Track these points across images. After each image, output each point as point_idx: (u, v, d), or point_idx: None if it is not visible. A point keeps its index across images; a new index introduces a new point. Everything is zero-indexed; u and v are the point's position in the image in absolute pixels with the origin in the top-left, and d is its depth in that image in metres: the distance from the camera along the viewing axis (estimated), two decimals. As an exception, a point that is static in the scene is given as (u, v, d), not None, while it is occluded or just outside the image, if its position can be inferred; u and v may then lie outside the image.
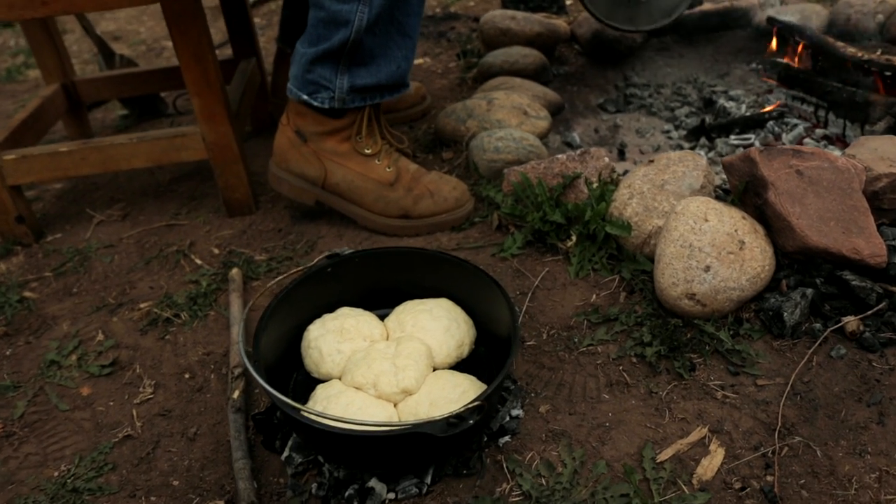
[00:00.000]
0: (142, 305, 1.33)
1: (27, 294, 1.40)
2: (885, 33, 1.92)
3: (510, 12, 2.02)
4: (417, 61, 2.23)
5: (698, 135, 1.83)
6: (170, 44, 2.79)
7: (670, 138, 1.87)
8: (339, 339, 1.03)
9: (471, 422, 0.81)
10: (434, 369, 1.01)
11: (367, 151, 1.39)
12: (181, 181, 1.74)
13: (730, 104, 1.87)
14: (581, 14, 2.16)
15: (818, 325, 1.06)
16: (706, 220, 1.11)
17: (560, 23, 2.08)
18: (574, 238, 1.29)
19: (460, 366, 1.04)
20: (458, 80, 2.03)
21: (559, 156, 1.39)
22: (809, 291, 1.07)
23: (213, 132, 1.45)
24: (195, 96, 1.41)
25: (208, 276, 1.37)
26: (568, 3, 2.49)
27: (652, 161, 1.37)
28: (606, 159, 1.41)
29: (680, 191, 1.25)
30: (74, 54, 2.83)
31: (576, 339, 1.11)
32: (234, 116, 1.48)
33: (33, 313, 1.35)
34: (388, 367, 0.97)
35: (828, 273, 1.09)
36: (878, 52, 1.64)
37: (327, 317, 1.08)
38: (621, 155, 1.79)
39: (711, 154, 1.72)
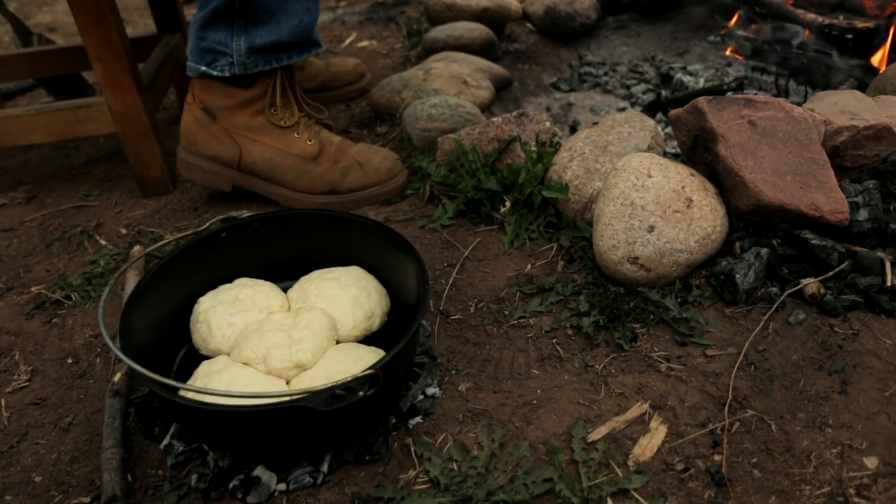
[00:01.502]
0: (33, 289, 1.19)
1: None
2: (846, 4, 1.84)
3: (457, -14, 1.91)
4: (362, 44, 2.12)
5: (654, 110, 1.72)
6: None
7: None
8: (231, 310, 0.90)
9: (360, 394, 0.69)
10: (338, 343, 0.88)
11: (284, 124, 1.26)
12: (97, 163, 1.60)
13: (688, 79, 1.77)
14: (534, -8, 2.05)
15: (775, 290, 0.94)
16: (649, 177, 0.99)
17: (511, 0, 1.97)
18: (508, 205, 1.17)
19: (371, 340, 0.91)
20: (402, 58, 1.91)
21: (494, 119, 1.28)
22: (765, 252, 0.95)
23: (119, 102, 1.32)
24: (96, 61, 1.28)
25: (108, 257, 1.23)
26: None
27: (596, 123, 1.26)
28: (547, 123, 1.30)
29: (624, 151, 1.14)
30: (4, 45, 2.68)
31: (506, 312, 0.99)
32: (145, 87, 1.35)
33: (-88, 300, 1.21)
34: (283, 339, 0.84)
35: (785, 233, 0.98)
36: (841, 18, 1.55)
37: (222, 288, 0.95)
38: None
39: (668, 129, 1.61)
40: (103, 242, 1.29)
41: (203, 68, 1.21)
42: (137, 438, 0.88)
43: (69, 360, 1.02)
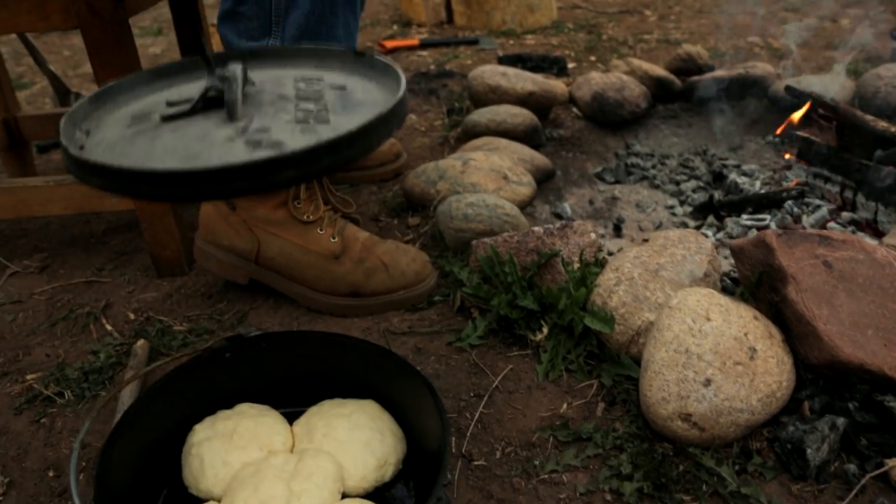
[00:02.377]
0: (28, 377, 1.11)
1: None
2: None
3: (501, 68, 1.84)
4: (403, 117, 2.05)
5: (706, 212, 1.62)
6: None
7: (674, 214, 1.67)
8: (227, 446, 0.80)
9: None
10: (344, 495, 0.77)
11: (307, 219, 1.17)
12: (116, 232, 1.53)
13: (742, 180, 1.66)
14: (581, 75, 1.98)
15: (852, 468, 0.81)
16: (708, 320, 0.88)
17: (557, 83, 1.90)
18: (546, 329, 1.06)
19: (380, 491, 0.80)
20: (440, 138, 1.84)
21: (536, 228, 1.18)
22: (841, 422, 0.83)
23: (140, 178, 1.25)
24: (121, 136, 1.21)
25: (110, 347, 1.14)
26: (571, 66, 2.33)
27: (647, 240, 1.15)
28: (593, 235, 1.20)
29: (678, 279, 1.03)
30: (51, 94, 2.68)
31: (537, 463, 0.87)
32: (169, 162, 1.28)
33: None
34: (281, 491, 0.73)
35: (864, 396, 0.86)
36: (915, 130, 1.43)
37: (220, 415, 0.85)
38: (617, 231, 1.57)
39: (720, 235, 1.50)
40: (109, 328, 1.21)
41: None
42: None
43: (50, 474, 0.93)
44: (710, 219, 1.58)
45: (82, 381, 1.08)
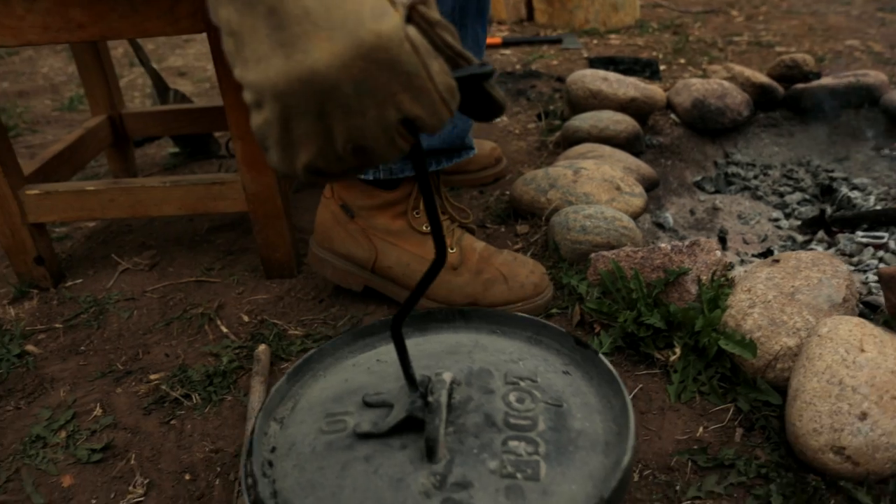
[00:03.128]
0: (152, 377, 1.13)
1: (29, 348, 1.22)
2: None
3: (602, 73, 1.81)
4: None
5: (816, 227, 1.56)
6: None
7: (779, 227, 1.62)
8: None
9: None
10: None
11: (426, 229, 1.17)
12: (220, 231, 1.56)
13: (854, 194, 1.61)
14: (679, 80, 1.93)
15: None
16: (862, 351, 0.85)
17: (655, 88, 1.86)
18: (678, 350, 1.04)
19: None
20: (537, 143, 1.82)
21: (662, 245, 1.15)
22: None
23: (255, 182, 1.26)
24: (238, 140, 1.23)
25: (231, 351, 1.16)
26: (663, 69, 2.28)
27: (777, 261, 1.12)
28: (718, 253, 1.17)
29: (816, 303, 1.00)
30: (139, 87, 2.74)
31: (678, 488, 0.85)
32: (283, 166, 1.29)
33: (31, 372, 1.16)
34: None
35: None
36: None
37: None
38: (722, 243, 1.54)
39: (831, 251, 1.45)
40: (224, 330, 1.22)
41: None
42: None
43: (187, 476, 0.94)
44: (821, 234, 1.53)
45: (206, 383, 1.09)
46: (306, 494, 0.64)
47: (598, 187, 1.38)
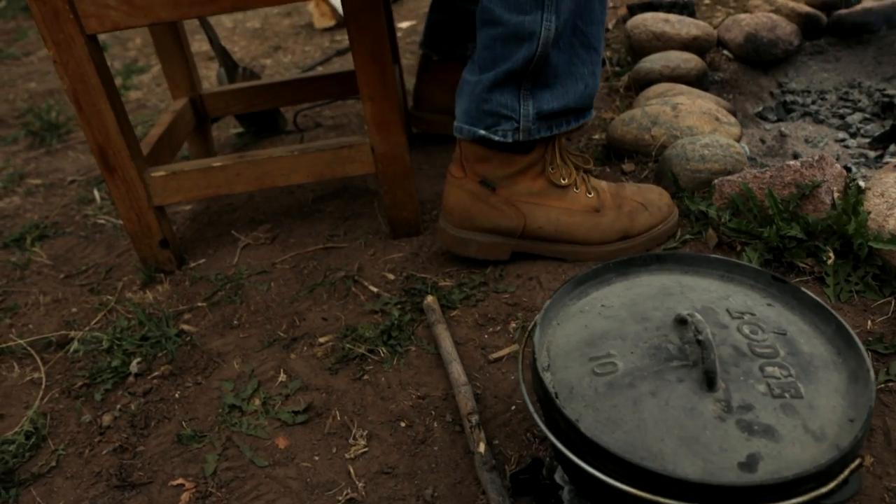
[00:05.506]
0: (321, 340, 1.16)
1: (185, 327, 1.24)
2: None
3: (662, 14, 1.85)
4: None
5: (886, 141, 1.64)
6: (268, 61, 2.66)
7: (847, 147, 1.69)
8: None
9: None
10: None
11: (564, 182, 1.21)
12: (326, 200, 1.57)
13: (920, 108, 1.68)
14: (727, 17, 1.99)
15: None
16: None
17: (708, 25, 1.91)
18: (832, 255, 1.10)
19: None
20: (605, 87, 1.86)
21: (790, 162, 1.21)
22: None
23: (385, 142, 1.28)
24: (368, 101, 1.25)
25: (394, 306, 1.19)
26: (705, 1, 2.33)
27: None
28: (838, 167, 1.23)
29: (962, 200, 1.06)
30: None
31: (882, 379, 0.92)
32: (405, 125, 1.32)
33: (197, 349, 1.18)
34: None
35: None
36: None
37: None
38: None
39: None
40: (374, 289, 1.26)
41: (482, 132, 1.15)
42: (524, 517, 0.83)
43: (402, 424, 0.98)
44: (893, 147, 1.61)
45: (385, 338, 1.13)
46: (612, 430, 0.69)
47: (699, 119, 1.43)
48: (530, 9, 1.07)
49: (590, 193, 1.22)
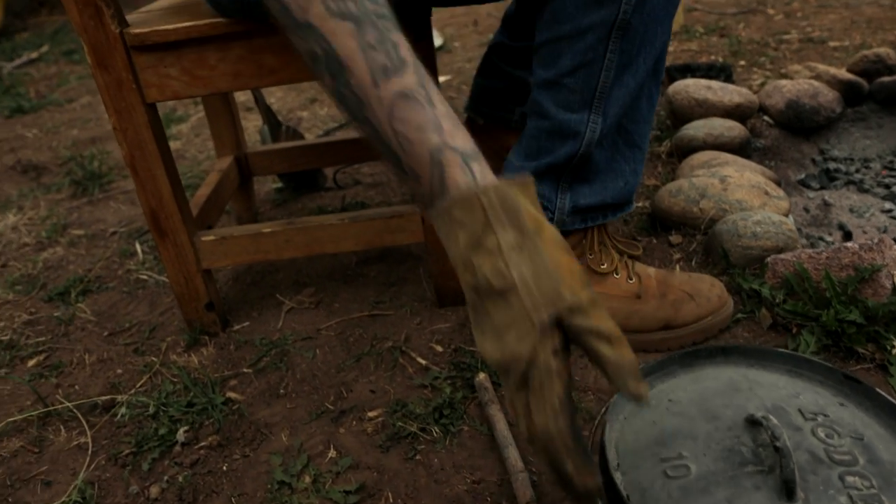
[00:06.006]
0: (370, 414, 1.15)
1: (231, 395, 1.23)
2: None
3: (704, 81, 1.86)
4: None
5: (933, 215, 1.63)
6: (304, 114, 2.69)
7: (894, 217, 1.68)
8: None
9: None
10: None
11: (604, 267, 1.21)
12: (370, 263, 1.58)
13: (967, 181, 1.67)
14: (769, 83, 1.99)
15: None
16: None
17: (750, 92, 1.91)
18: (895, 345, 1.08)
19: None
20: (647, 154, 1.86)
21: (849, 244, 1.20)
22: None
23: (436, 213, 1.29)
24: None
25: (444, 381, 1.18)
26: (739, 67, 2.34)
27: (955, 253, 1.17)
28: None
29: None
30: (202, 122, 2.75)
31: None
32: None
33: (244, 419, 1.17)
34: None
35: None
36: None
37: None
38: (847, 238, 1.59)
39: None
40: (422, 361, 1.25)
41: None
42: None
43: (457, 509, 0.96)
44: (942, 221, 1.59)
45: (436, 416, 1.11)
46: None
47: (748, 193, 1.43)
48: (578, 108, 1.09)
49: (630, 279, 1.22)
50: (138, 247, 1.81)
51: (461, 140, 0.66)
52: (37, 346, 1.45)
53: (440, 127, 0.65)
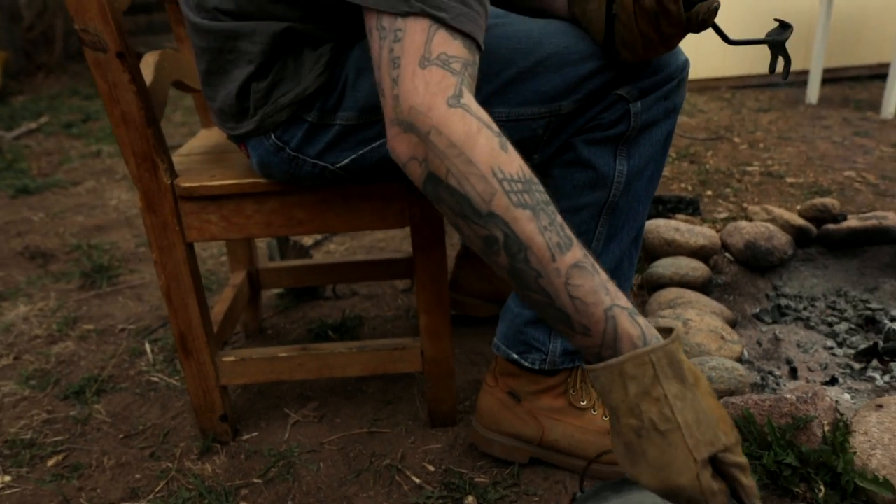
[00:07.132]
0: (369, 531, 1.29)
1: (242, 506, 1.36)
2: None
3: (673, 223, 2.08)
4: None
5: (868, 356, 1.83)
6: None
7: (834, 355, 1.88)
8: None
9: None
10: None
11: (583, 404, 1.39)
12: (368, 380, 1.73)
13: (899, 327, 1.89)
14: (730, 223, 2.23)
15: None
16: None
17: (711, 232, 2.14)
18: (822, 488, 1.26)
19: None
20: (620, 283, 2.07)
21: (787, 396, 1.39)
22: None
23: (434, 349, 1.46)
24: (424, 313, 1.43)
25: (437, 501, 1.33)
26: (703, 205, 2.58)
27: (881, 406, 1.37)
28: (828, 399, 1.41)
29: (938, 451, 1.24)
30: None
31: None
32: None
33: (255, 532, 1.31)
34: None
35: None
36: None
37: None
38: (793, 373, 1.78)
39: (887, 378, 1.71)
40: (417, 480, 1.39)
41: (514, 356, 1.35)
42: None
43: None
44: (875, 363, 1.80)
45: (430, 536, 1.26)
46: None
47: (706, 337, 1.62)
48: None
49: (605, 416, 1.39)
50: (147, 347, 1.95)
51: (624, 299, 0.83)
52: (55, 445, 1.57)
53: (608, 289, 0.83)
